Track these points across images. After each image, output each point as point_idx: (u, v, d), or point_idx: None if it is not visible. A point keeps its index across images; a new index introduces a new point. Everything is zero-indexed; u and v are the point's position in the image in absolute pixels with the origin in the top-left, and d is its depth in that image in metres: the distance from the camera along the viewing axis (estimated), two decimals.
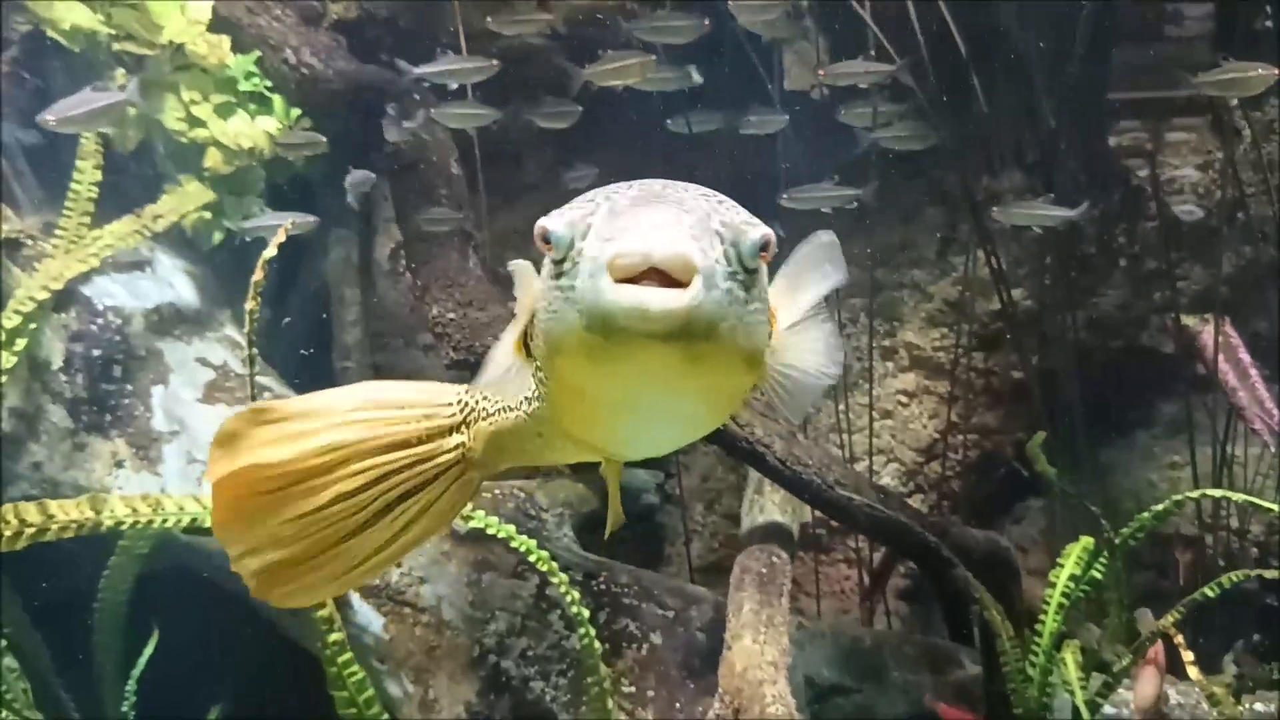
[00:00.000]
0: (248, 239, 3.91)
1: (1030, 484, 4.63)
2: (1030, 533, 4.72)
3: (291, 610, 3.55)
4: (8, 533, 2.74)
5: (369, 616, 3.37)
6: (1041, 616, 3.19)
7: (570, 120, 4.03)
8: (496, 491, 3.61)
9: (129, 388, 3.68)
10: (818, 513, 4.61)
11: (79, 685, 3.71)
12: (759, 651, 2.76)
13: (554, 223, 1.26)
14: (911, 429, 4.79)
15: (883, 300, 4.78)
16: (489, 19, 3.97)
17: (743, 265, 1.29)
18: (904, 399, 4.82)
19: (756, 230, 1.29)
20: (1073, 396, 4.34)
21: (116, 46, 3.69)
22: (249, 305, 2.29)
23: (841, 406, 4.65)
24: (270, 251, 2.31)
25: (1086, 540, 3.29)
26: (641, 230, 1.20)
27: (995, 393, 4.72)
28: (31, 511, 2.78)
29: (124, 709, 3.55)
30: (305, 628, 3.58)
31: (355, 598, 3.39)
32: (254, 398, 2.48)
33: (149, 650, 3.55)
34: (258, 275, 2.29)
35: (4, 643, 3.42)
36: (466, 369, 3.85)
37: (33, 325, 3.47)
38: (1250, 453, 4.18)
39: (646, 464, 4.56)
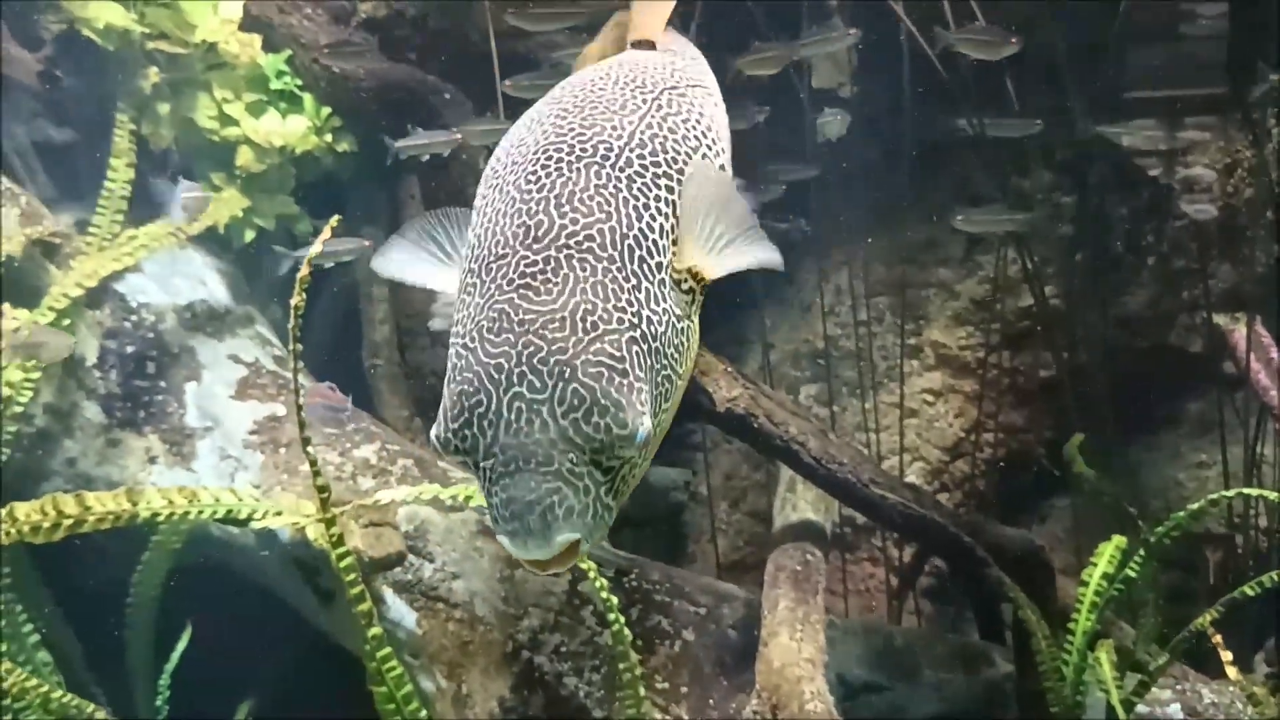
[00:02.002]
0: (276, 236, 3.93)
1: (1056, 483, 4.63)
2: (1056, 532, 4.71)
3: (323, 604, 3.59)
4: (45, 524, 2.77)
5: (402, 612, 3.39)
6: (1074, 615, 3.19)
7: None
8: None
9: (162, 384, 3.70)
10: (843, 512, 4.64)
11: (111, 680, 3.74)
12: (796, 649, 2.77)
13: (440, 447, 1.45)
14: (937, 428, 4.78)
15: (909, 299, 4.78)
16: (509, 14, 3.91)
17: (627, 458, 1.43)
18: (930, 398, 4.81)
19: (630, 446, 1.39)
20: (1100, 395, 4.34)
21: (150, 45, 3.71)
22: (295, 300, 2.30)
23: (868, 405, 4.65)
24: (316, 248, 2.32)
25: (1119, 539, 3.28)
26: (524, 540, 1.37)
27: (1022, 392, 4.72)
28: (69, 504, 2.81)
29: (157, 703, 3.57)
30: (336, 622, 3.61)
31: (388, 593, 3.41)
32: (297, 393, 2.49)
33: (182, 645, 3.57)
34: (304, 271, 2.30)
35: (37, 637, 3.46)
36: None
37: (67, 322, 3.49)
38: (1279, 452, 4.17)
39: (673, 462, 4.57)
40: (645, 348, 1.44)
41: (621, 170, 1.57)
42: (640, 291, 1.48)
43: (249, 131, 3.83)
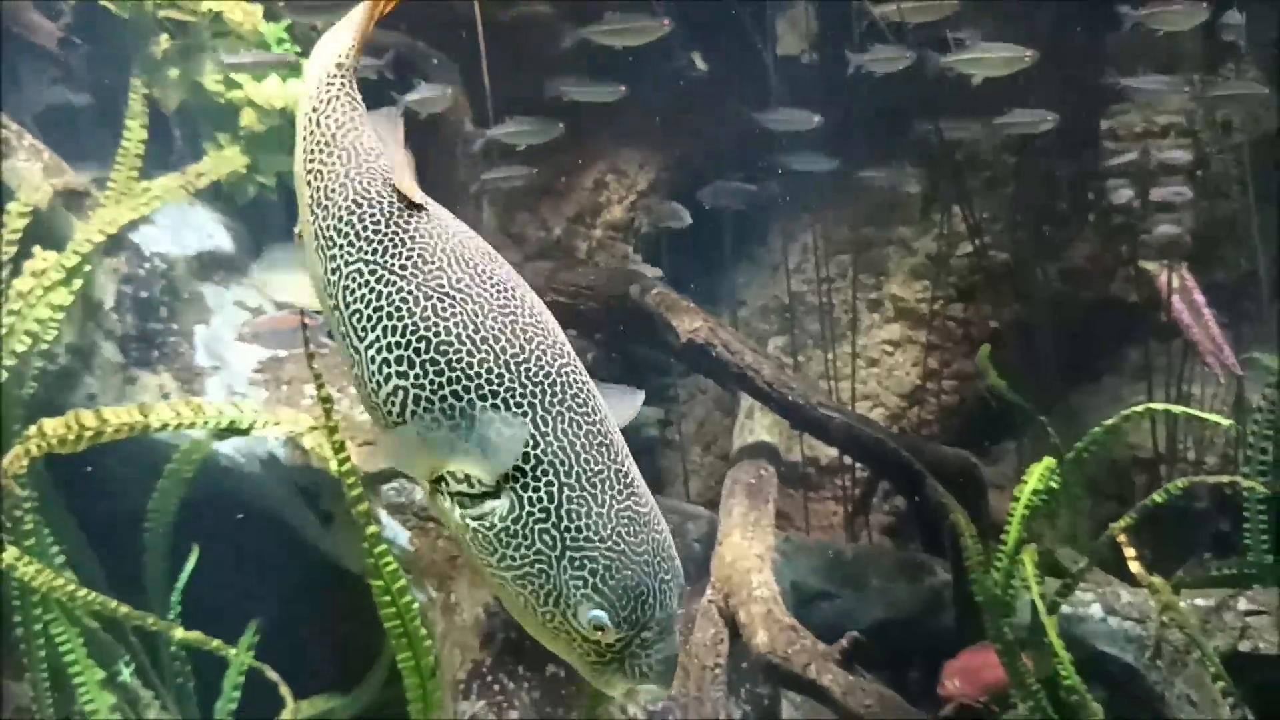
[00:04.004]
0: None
1: (1005, 428, 4.97)
2: (1006, 472, 5.04)
3: (324, 526, 3.92)
4: (70, 436, 3.10)
5: (396, 530, 3.71)
6: (1006, 527, 3.52)
7: None
8: None
9: (174, 327, 4.02)
10: (807, 451, 4.98)
11: (129, 600, 4.04)
12: (747, 546, 3.10)
13: (604, 625, 1.64)
14: (896, 376, 5.13)
15: (871, 256, 5.13)
16: None
17: None
18: (889, 348, 5.15)
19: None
20: (1045, 344, 4.68)
21: (161, 13, 4.02)
22: (298, 229, 2.60)
23: (830, 355, 4.98)
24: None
25: (1050, 460, 3.61)
26: (671, 682, 1.68)
27: (974, 341, 5.04)
28: (89, 417, 3.14)
29: (170, 618, 3.89)
30: (336, 543, 3.94)
31: (383, 514, 3.73)
32: (303, 313, 2.81)
33: (190, 566, 3.87)
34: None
35: (63, 558, 3.77)
36: None
37: (88, 267, 3.80)
38: (1207, 392, 4.52)
39: (645, 396, 4.88)
40: None
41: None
42: None
43: (252, 94, 4.15)
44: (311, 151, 1.88)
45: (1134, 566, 3.08)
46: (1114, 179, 4.79)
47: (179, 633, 3.36)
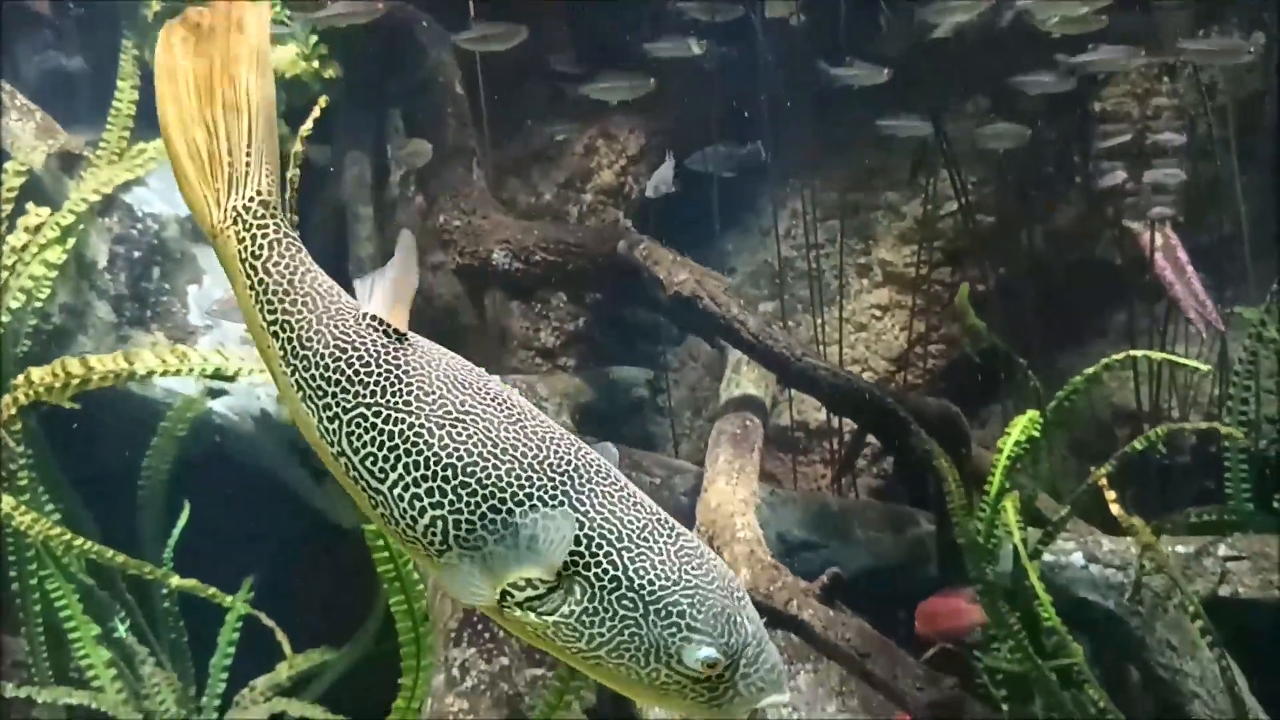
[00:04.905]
0: None
1: (991, 389, 5.01)
2: (995, 434, 5.09)
3: (317, 483, 3.96)
4: (57, 385, 3.14)
5: None
6: (990, 477, 3.58)
7: None
8: (502, 380, 4.00)
9: (166, 286, 4.07)
10: (796, 415, 5.03)
11: None
12: (731, 491, 3.15)
13: (714, 659, 1.67)
14: (884, 340, 5.17)
15: (860, 221, 5.17)
16: None
17: None
18: (878, 313, 5.20)
19: None
20: (1032, 307, 4.72)
21: None
22: (290, 174, 2.65)
23: (819, 320, 5.02)
24: (307, 127, 2.68)
25: (1033, 414, 3.67)
26: (786, 685, 1.72)
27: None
28: (75, 365, 3.18)
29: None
30: (328, 500, 3.99)
31: None
32: None
33: (182, 523, 3.90)
34: (298, 146, 2.65)
35: (59, 516, 3.82)
36: (471, 273, 4.27)
37: (82, 226, 3.85)
38: (1191, 351, 4.57)
39: (636, 361, 4.95)
40: None
41: None
42: None
43: None
44: (269, 302, 1.84)
45: (1115, 509, 3.12)
46: (1107, 161, 4.83)
47: (175, 580, 3.41)
